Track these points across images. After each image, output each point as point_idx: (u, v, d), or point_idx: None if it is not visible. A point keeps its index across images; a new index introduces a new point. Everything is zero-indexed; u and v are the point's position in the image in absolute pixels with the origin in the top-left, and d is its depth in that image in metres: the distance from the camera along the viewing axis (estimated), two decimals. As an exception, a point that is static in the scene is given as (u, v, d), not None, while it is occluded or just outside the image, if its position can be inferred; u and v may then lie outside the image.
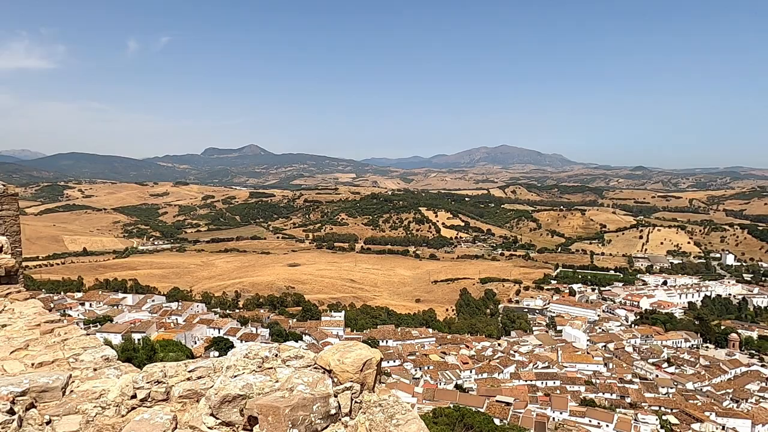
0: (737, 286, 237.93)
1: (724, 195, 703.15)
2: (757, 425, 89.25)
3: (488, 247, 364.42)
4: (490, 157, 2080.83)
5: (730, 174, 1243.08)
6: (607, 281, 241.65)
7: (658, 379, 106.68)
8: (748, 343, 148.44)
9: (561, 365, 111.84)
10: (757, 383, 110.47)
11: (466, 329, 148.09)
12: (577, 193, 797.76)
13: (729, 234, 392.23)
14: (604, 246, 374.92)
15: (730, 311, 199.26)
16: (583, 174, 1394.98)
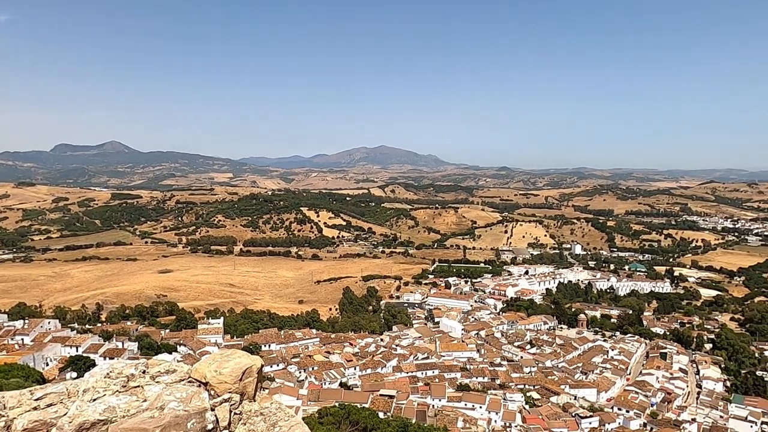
0: (584, 273, 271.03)
1: (573, 192, 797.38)
2: (601, 392, 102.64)
3: (370, 245, 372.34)
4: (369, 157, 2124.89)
5: (577, 174, 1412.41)
6: (478, 273, 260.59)
7: (523, 360, 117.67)
8: (593, 321, 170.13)
9: (439, 355, 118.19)
10: (601, 356, 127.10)
11: (350, 327, 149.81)
12: (450, 191, 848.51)
13: (577, 227, 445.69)
14: (474, 241, 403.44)
15: (578, 295, 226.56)
16: (456, 174, 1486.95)
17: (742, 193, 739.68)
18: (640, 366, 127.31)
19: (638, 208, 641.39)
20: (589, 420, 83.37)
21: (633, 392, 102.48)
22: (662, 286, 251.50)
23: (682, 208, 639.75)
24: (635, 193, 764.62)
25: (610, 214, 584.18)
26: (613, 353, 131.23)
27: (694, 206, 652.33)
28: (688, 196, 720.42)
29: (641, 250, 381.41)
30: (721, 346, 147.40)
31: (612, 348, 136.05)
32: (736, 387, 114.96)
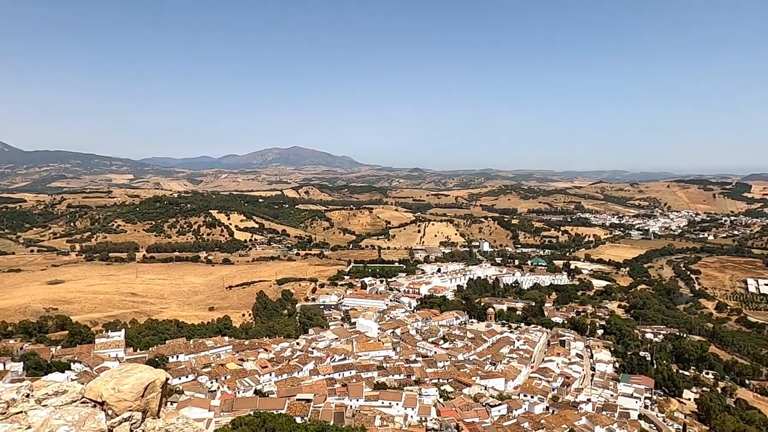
0: (492, 269, 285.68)
1: (480, 193, 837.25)
2: (509, 381, 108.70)
3: (284, 247, 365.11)
4: (282, 158, 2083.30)
5: (484, 175, 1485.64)
6: (393, 273, 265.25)
7: (437, 355, 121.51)
8: (500, 314, 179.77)
9: (356, 355, 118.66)
10: (508, 347, 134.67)
11: (265, 332, 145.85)
12: (365, 192, 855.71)
13: (485, 225, 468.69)
14: (389, 241, 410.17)
15: (487, 290, 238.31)
16: (370, 175, 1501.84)
17: (626, 192, 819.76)
18: (542, 354, 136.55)
19: (539, 207, 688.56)
20: (498, 408, 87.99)
21: (537, 379, 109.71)
22: (560, 278, 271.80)
23: (576, 206, 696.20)
24: (536, 192, 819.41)
25: (514, 213, 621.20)
26: (519, 343, 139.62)
27: (586, 204, 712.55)
28: (581, 195, 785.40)
29: (542, 246, 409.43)
30: (610, 331, 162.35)
31: (518, 338, 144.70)
32: (623, 367, 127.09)
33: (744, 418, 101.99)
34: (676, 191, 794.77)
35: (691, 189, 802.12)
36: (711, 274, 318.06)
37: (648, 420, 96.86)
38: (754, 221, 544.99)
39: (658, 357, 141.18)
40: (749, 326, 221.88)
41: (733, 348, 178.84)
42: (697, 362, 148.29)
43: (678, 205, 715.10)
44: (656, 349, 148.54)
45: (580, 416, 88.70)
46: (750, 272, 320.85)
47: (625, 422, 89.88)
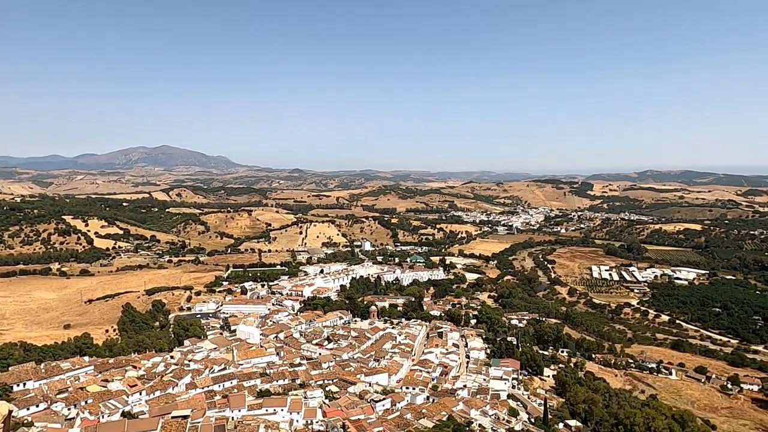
0: (374, 267, 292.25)
1: (361, 193, 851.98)
2: (392, 375, 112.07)
3: (154, 254, 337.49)
4: (150, 158, 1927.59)
5: (364, 175, 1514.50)
6: (275, 276, 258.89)
7: (322, 357, 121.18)
8: (383, 311, 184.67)
9: (237, 364, 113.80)
10: (391, 343, 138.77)
11: (133, 348, 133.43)
12: (243, 194, 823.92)
13: (366, 225, 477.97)
14: (270, 243, 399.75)
15: (369, 288, 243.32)
16: (248, 176, 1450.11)
17: (493, 192, 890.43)
18: (422, 346, 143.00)
19: (416, 206, 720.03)
20: (382, 403, 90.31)
21: (418, 371, 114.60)
22: (437, 274, 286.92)
23: (450, 205, 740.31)
24: (413, 192, 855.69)
25: (394, 212, 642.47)
26: (401, 338, 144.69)
27: (459, 203, 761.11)
28: (455, 195, 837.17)
29: (420, 243, 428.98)
30: (482, 320, 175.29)
31: (399, 334, 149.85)
32: (494, 353, 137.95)
33: (592, 388, 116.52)
34: (534, 190, 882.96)
35: (546, 188, 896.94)
36: (564, 263, 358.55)
37: (515, 399, 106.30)
38: (596, 215, 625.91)
39: (523, 340, 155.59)
40: (594, 307, 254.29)
41: (582, 327, 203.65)
42: (554, 342, 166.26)
43: (536, 203, 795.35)
44: (521, 333, 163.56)
45: (457, 402, 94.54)
46: (594, 260, 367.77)
47: (496, 403, 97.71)
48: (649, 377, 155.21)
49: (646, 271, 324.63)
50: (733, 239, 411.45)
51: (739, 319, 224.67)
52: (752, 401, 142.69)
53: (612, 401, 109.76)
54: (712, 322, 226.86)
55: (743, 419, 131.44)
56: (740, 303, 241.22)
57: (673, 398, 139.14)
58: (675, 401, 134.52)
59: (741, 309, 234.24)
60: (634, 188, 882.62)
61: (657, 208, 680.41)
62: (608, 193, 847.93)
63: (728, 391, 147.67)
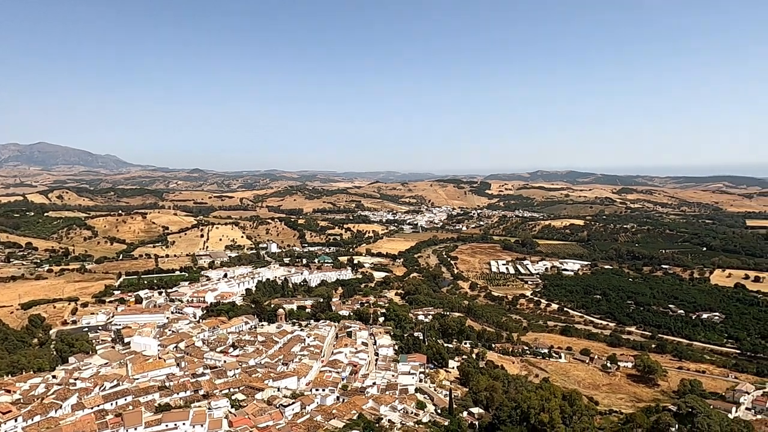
0: (281, 269, 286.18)
1: (266, 194, 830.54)
2: (301, 378, 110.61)
3: (30, 264, 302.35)
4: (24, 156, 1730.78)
5: (269, 176, 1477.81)
6: (174, 282, 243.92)
7: (226, 364, 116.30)
8: (291, 314, 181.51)
9: (132, 379, 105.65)
10: (299, 345, 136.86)
11: (6, 370, 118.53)
12: (136, 195, 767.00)
13: (272, 226, 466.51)
14: (168, 248, 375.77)
15: (277, 291, 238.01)
16: (142, 176, 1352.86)
17: (398, 191, 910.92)
18: (332, 347, 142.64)
19: (323, 206, 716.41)
20: (291, 407, 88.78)
21: (328, 372, 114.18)
22: (346, 273, 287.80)
23: (357, 205, 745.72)
24: (320, 192, 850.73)
25: (301, 213, 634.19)
26: (309, 340, 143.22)
27: (365, 203, 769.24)
28: (361, 195, 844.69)
29: (328, 244, 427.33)
30: (390, 318, 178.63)
31: (308, 336, 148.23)
32: (402, 348, 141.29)
33: (492, 376, 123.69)
34: (437, 189, 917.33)
35: (448, 187, 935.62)
36: (465, 259, 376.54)
37: (423, 392, 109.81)
38: (493, 213, 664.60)
39: (429, 335, 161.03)
40: (493, 300, 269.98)
41: (483, 319, 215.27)
42: (458, 335, 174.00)
43: (439, 201, 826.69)
44: (427, 328, 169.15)
45: (367, 400, 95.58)
46: (492, 255, 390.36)
47: (405, 397, 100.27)
48: (542, 362, 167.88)
49: (538, 264, 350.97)
50: (610, 232, 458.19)
51: (615, 304, 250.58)
52: (627, 377, 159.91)
53: (510, 387, 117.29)
54: (594, 308, 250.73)
55: (620, 393, 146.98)
56: (616, 290, 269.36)
57: (563, 380, 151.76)
58: (564, 382, 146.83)
59: (617, 295, 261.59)
60: (527, 187, 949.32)
61: (547, 206, 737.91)
62: (504, 192, 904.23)
63: (608, 369, 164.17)
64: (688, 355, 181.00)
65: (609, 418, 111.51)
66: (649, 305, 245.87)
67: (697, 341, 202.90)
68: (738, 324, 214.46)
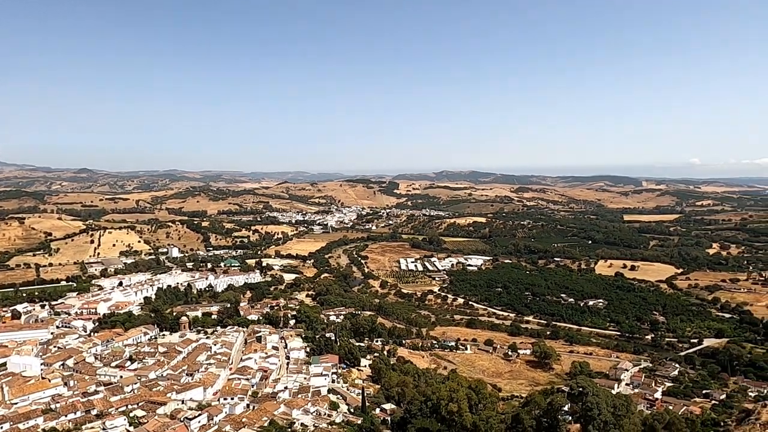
0: (183, 275, 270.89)
1: (166, 195, 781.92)
2: (208, 388, 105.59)
3: None
4: None
5: (169, 176, 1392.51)
6: (60, 293, 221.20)
7: (123, 380, 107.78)
8: (195, 321, 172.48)
9: (10, 403, 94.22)
10: (205, 354, 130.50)
11: None
12: (12, 198, 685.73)
13: (173, 230, 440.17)
14: (51, 256, 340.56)
15: (179, 298, 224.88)
16: (19, 177, 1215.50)
17: (307, 192, 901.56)
18: (240, 353, 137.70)
19: (229, 208, 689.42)
20: (198, 419, 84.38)
21: (236, 379, 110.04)
22: (254, 276, 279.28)
23: (265, 206, 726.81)
24: (225, 193, 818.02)
25: (204, 215, 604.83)
26: (216, 348, 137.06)
27: (274, 204, 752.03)
28: (269, 195, 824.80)
29: (234, 246, 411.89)
30: (301, 320, 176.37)
31: (215, 343, 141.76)
32: (314, 350, 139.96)
33: (403, 372, 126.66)
34: (346, 189, 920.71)
35: (357, 187, 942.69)
36: (375, 257, 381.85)
37: (336, 392, 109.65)
38: (402, 212, 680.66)
39: (341, 335, 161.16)
40: (403, 297, 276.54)
41: (394, 316, 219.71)
42: (369, 333, 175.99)
43: (349, 202, 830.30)
44: (339, 328, 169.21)
45: (278, 405, 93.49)
46: (401, 253, 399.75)
47: (318, 399, 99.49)
48: (449, 354, 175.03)
49: (445, 261, 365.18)
50: (509, 229, 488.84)
51: (515, 296, 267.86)
52: (526, 363, 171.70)
53: (421, 381, 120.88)
54: (496, 301, 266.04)
55: (520, 379, 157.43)
56: (515, 282, 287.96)
57: (469, 370, 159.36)
58: (471, 372, 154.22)
59: (516, 287, 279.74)
60: (433, 187, 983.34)
61: (452, 204, 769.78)
62: (412, 192, 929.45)
63: (509, 357, 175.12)
64: (577, 340, 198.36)
65: (510, 403, 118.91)
66: (544, 295, 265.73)
67: (585, 326, 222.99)
68: (618, 309, 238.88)
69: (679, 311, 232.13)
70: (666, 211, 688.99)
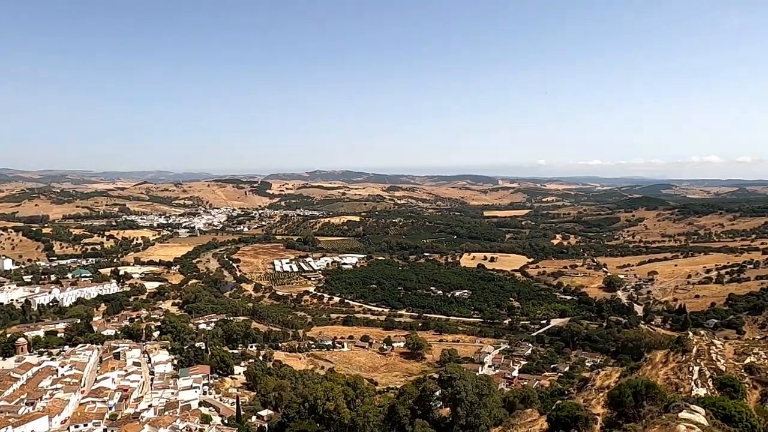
0: (19, 290, 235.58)
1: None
2: (54, 417, 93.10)
3: None
4: None
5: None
6: None
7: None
8: (36, 342, 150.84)
9: None
10: (50, 378, 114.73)
11: None
12: None
13: (4, 238, 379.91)
14: None
15: (15, 317, 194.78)
16: None
17: (171, 192, 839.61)
18: (95, 374, 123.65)
19: (77, 212, 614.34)
20: (42, 453, 74.05)
21: (90, 403, 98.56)
22: (109, 287, 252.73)
23: (121, 209, 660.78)
24: (72, 195, 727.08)
25: (46, 221, 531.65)
26: (64, 370, 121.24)
27: (132, 206, 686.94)
28: (126, 197, 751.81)
29: (85, 255, 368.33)
30: (167, 331, 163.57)
31: (62, 365, 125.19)
32: (182, 362, 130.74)
33: (280, 375, 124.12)
34: (215, 190, 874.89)
35: (227, 188, 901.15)
36: (248, 260, 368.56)
37: (208, 404, 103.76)
38: (275, 213, 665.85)
39: (212, 343, 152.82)
40: (278, 299, 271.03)
41: (269, 320, 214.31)
42: (243, 339, 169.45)
43: (218, 203, 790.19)
44: (210, 336, 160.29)
45: (142, 425, 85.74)
46: (276, 255, 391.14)
47: (188, 414, 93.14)
48: (327, 354, 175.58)
49: (320, 260, 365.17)
50: (382, 227, 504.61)
51: (389, 291, 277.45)
52: (401, 355, 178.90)
53: (298, 383, 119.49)
54: (371, 297, 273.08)
55: (395, 371, 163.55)
56: (389, 278, 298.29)
57: (347, 367, 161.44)
58: (348, 369, 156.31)
59: (390, 283, 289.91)
60: (307, 186, 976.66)
61: (326, 204, 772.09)
62: (285, 192, 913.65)
63: (385, 351, 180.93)
64: (446, 329, 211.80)
65: (387, 395, 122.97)
66: (415, 289, 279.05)
67: (453, 316, 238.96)
68: (481, 298, 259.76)
69: (531, 296, 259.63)
70: (519, 206, 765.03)
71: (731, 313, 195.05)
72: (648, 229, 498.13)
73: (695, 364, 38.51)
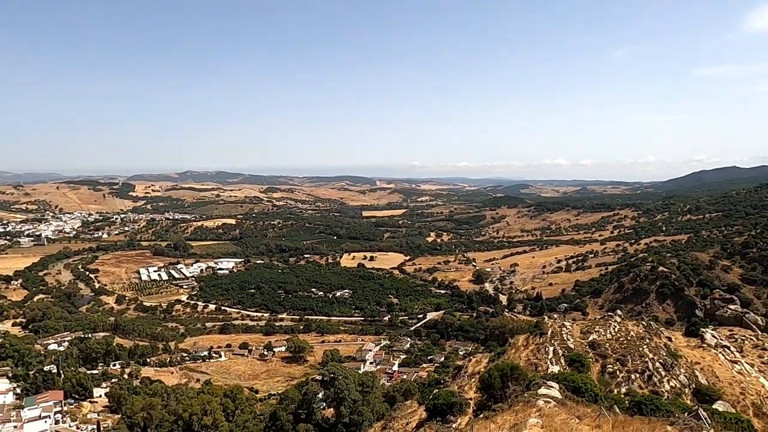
0: None
1: None
2: None
3: None
4: None
5: None
6: None
7: None
8: None
9: None
10: None
11: None
12: None
13: None
14: None
15: None
16: None
17: (9, 196, 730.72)
18: None
19: None
20: None
21: None
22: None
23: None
24: None
25: None
26: None
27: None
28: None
29: None
30: (6, 356, 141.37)
31: None
32: (27, 390, 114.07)
33: (149, 393, 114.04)
34: (66, 192, 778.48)
35: (81, 190, 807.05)
36: (109, 270, 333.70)
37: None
38: (140, 217, 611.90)
39: (66, 365, 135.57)
40: (145, 310, 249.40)
41: (135, 334, 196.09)
42: (104, 357, 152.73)
43: (70, 207, 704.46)
44: (62, 358, 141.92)
45: (-25, 469, 73.28)
46: (141, 263, 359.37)
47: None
48: (203, 365, 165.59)
49: (193, 267, 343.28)
50: (260, 229, 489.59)
51: (268, 295, 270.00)
52: (282, 360, 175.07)
53: (171, 399, 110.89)
54: (250, 302, 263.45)
55: (277, 377, 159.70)
56: (268, 282, 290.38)
57: (224, 378, 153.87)
58: (226, 380, 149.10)
59: (269, 287, 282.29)
60: (176, 188, 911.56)
61: (198, 206, 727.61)
62: (151, 194, 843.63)
63: (265, 357, 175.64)
64: (328, 330, 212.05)
65: (268, 402, 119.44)
66: (296, 292, 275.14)
67: (335, 316, 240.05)
68: (361, 296, 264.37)
69: (408, 292, 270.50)
70: (396, 206, 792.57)
71: (577, 298, 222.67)
72: (510, 225, 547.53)
73: (550, 344, 43.19)
